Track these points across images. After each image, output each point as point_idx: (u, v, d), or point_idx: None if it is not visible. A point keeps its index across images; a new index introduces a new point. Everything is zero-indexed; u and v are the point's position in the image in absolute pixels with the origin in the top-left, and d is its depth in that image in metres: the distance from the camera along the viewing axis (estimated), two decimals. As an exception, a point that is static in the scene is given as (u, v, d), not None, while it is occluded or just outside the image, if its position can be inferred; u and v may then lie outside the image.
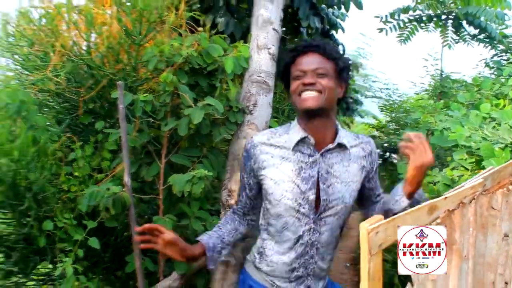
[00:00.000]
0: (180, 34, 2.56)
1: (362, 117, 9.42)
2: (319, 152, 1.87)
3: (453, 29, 5.50)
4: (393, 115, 7.62)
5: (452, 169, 3.08)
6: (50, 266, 2.55)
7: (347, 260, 8.08)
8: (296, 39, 4.98)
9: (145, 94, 2.23)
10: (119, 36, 2.41)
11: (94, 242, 2.17)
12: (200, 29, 2.44)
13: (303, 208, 1.85)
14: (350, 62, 1.98)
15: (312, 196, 1.84)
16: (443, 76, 5.63)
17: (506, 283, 1.65)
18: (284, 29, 4.81)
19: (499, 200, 1.59)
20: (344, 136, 1.94)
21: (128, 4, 2.31)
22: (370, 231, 1.27)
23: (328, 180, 1.87)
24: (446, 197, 1.46)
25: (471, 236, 1.53)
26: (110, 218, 2.20)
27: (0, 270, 2.41)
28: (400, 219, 1.35)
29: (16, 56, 2.70)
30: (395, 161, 8.48)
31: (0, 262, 2.44)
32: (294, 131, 1.89)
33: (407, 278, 1.50)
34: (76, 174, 2.32)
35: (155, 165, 2.34)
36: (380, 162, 8.43)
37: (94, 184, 2.32)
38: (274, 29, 2.43)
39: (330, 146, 1.88)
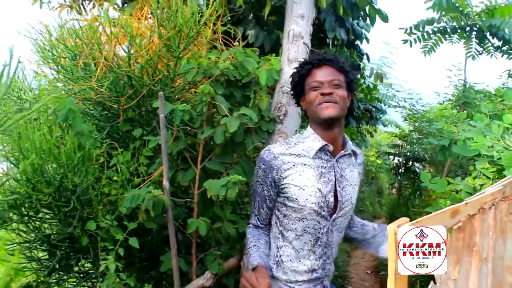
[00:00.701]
0: (215, 47, 2.70)
1: (385, 126, 9.46)
2: (334, 157, 2.01)
3: (477, 40, 5.53)
4: (416, 124, 7.67)
5: (474, 178, 3.14)
6: (89, 265, 2.69)
7: (369, 267, 8.13)
8: (322, 50, 5.09)
9: (184, 104, 2.38)
10: (158, 49, 2.56)
11: (134, 242, 2.30)
12: (236, 43, 2.57)
13: (323, 210, 1.98)
14: (356, 74, 2.15)
15: (331, 199, 1.97)
16: (467, 86, 5.67)
17: (524, 285, 1.74)
18: (310, 40, 4.93)
19: (517, 207, 1.69)
20: (351, 144, 2.10)
21: (168, 19, 2.45)
22: (397, 233, 1.39)
23: (342, 183, 2.02)
24: (467, 203, 1.57)
25: (491, 240, 1.63)
26: (149, 219, 2.34)
27: (44, 267, 2.56)
28: (424, 222, 1.46)
29: (59, 67, 2.87)
30: (417, 170, 8.53)
31: (45, 260, 2.59)
32: (313, 140, 2.02)
33: (430, 279, 1.60)
34: (115, 178, 2.46)
35: (191, 171, 2.47)
36: (403, 170, 8.48)
37: (132, 188, 2.46)
38: (304, 43, 2.56)
39: (343, 152, 2.03)
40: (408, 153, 8.30)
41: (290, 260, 2.05)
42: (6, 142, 2.46)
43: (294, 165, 1.99)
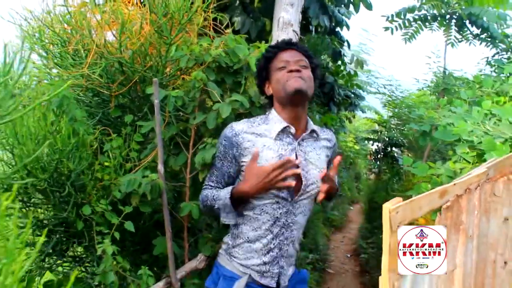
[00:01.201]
0: (205, 34, 2.74)
1: (364, 112, 9.59)
2: (297, 140, 2.08)
3: (456, 28, 5.63)
4: (396, 110, 7.79)
5: (455, 162, 3.24)
6: (81, 249, 2.73)
7: (348, 251, 8.30)
8: (304, 37, 5.15)
9: (176, 90, 2.42)
10: (150, 35, 2.59)
11: (129, 226, 2.35)
12: (228, 31, 2.62)
13: (283, 192, 2.05)
14: (320, 63, 2.23)
15: (292, 182, 2.02)
16: (447, 73, 5.78)
17: (505, 262, 1.84)
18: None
19: (500, 188, 1.78)
20: (313, 125, 2.17)
21: (160, 7, 2.48)
22: (392, 211, 1.47)
23: (306, 167, 2.08)
24: (455, 184, 1.66)
25: (475, 218, 1.72)
26: (144, 203, 2.38)
27: (39, 252, 2.59)
28: (416, 201, 1.54)
29: (48, 53, 2.88)
30: (396, 155, 8.67)
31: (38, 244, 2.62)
32: (275, 122, 2.08)
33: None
34: (106, 164, 2.50)
35: (183, 155, 2.52)
36: (382, 156, 8.62)
37: (124, 173, 2.50)
38: (294, 30, 2.62)
39: (305, 134, 2.10)
40: (387, 139, 8.43)
41: (248, 237, 2.10)
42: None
43: (254, 145, 2.05)
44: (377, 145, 9.03)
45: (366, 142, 10.47)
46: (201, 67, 2.46)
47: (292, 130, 2.07)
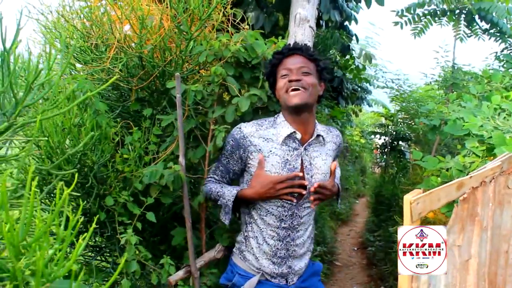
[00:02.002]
0: (222, 29, 2.80)
1: (370, 106, 9.64)
2: (303, 145, 2.15)
3: (465, 23, 5.67)
4: (404, 104, 7.83)
5: (464, 156, 3.29)
6: (100, 239, 2.80)
7: (355, 244, 8.35)
8: (316, 32, 5.20)
9: (196, 85, 2.48)
10: (169, 31, 2.65)
11: (151, 216, 2.42)
12: (247, 26, 2.67)
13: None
14: (328, 63, 2.28)
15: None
16: (455, 68, 5.82)
17: (518, 253, 1.90)
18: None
19: (514, 181, 1.84)
20: (321, 129, 2.23)
21: (180, 3, 2.54)
22: (412, 202, 1.54)
23: (311, 171, 2.16)
24: (471, 176, 1.72)
25: (490, 210, 1.79)
26: (165, 195, 2.46)
27: (62, 241, 2.65)
28: (435, 193, 1.61)
29: (68, 48, 2.93)
30: (403, 149, 8.72)
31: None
32: (282, 126, 2.15)
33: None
34: (125, 156, 2.56)
35: (201, 148, 2.58)
36: (389, 149, 8.66)
37: (143, 166, 2.56)
38: (310, 26, 2.67)
39: (311, 139, 2.16)
40: (394, 133, 8.47)
41: (256, 237, 2.19)
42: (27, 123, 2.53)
43: (260, 149, 2.13)
44: (384, 139, 9.07)
45: (372, 136, 10.49)
46: (220, 62, 2.51)
47: (298, 135, 2.14)
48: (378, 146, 9.68)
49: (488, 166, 1.80)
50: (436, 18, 5.72)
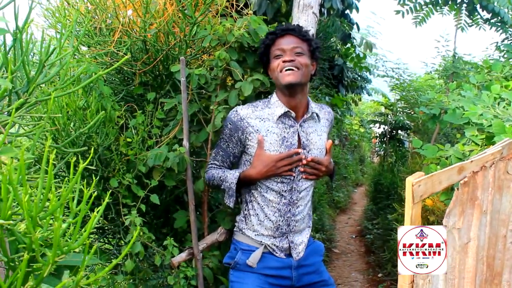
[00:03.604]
0: (226, 15, 2.81)
1: (370, 95, 9.66)
2: (298, 122, 2.20)
3: (467, 12, 5.68)
4: (403, 94, 7.85)
5: (464, 144, 3.32)
6: (104, 222, 2.83)
7: (353, 232, 8.42)
8: (321, 19, 5.21)
9: (200, 69, 2.51)
10: (174, 15, 2.67)
11: (155, 198, 2.45)
12: (250, 12, 2.69)
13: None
14: (320, 44, 2.32)
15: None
16: (456, 57, 5.83)
17: (515, 237, 1.94)
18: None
19: (513, 166, 1.87)
20: (314, 107, 2.29)
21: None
22: (414, 184, 1.57)
23: (308, 146, 2.22)
24: (472, 161, 1.75)
25: (490, 194, 1.82)
26: (168, 177, 2.49)
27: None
28: (436, 176, 1.64)
29: (72, 33, 2.94)
30: (402, 138, 8.75)
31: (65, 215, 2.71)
32: (276, 106, 2.21)
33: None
34: (128, 140, 2.58)
35: (204, 132, 2.60)
36: (388, 138, 8.69)
37: (146, 149, 2.59)
38: (313, 12, 2.69)
39: (306, 116, 2.22)
40: (393, 122, 8.50)
41: (257, 214, 2.24)
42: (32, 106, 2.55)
43: (257, 130, 2.18)
44: (384, 128, 9.10)
45: (371, 125, 10.52)
46: (224, 47, 2.53)
47: (293, 114, 2.20)
48: (377, 135, 9.71)
49: (488, 151, 1.83)
50: (438, 7, 5.71)
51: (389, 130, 8.62)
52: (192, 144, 2.62)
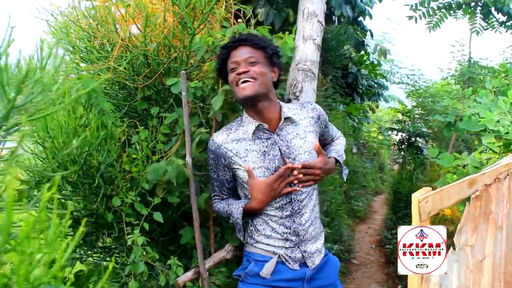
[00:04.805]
0: (223, 26, 2.76)
1: (387, 102, 9.54)
2: (274, 132, 2.11)
3: (481, 16, 5.56)
4: (419, 100, 7.73)
5: (481, 152, 3.21)
6: (110, 240, 2.78)
7: (373, 242, 8.27)
8: (328, 27, 5.14)
9: (195, 81, 2.45)
10: (173, 27, 2.62)
11: (158, 216, 2.39)
12: (240, 20, 2.63)
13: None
14: (278, 49, 2.22)
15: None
16: (472, 62, 5.71)
17: (535, 252, 1.83)
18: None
19: (530, 177, 1.76)
20: (289, 110, 2.18)
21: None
22: (421, 200, 1.47)
23: (292, 154, 2.11)
24: (484, 173, 1.65)
25: (505, 208, 1.71)
26: (171, 194, 2.42)
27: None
28: (445, 191, 1.54)
29: (75, 48, 2.92)
30: (421, 145, 8.61)
31: (69, 235, 2.67)
32: (248, 123, 2.12)
33: (448, 246, 1.69)
34: (133, 156, 2.53)
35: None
36: (406, 146, 8.56)
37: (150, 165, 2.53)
38: (318, 21, 2.61)
39: (280, 123, 2.12)
40: (411, 129, 8.37)
41: (264, 229, 2.17)
42: (31, 123, 2.52)
43: (237, 152, 2.11)
44: (401, 135, 8.97)
45: (389, 132, 10.39)
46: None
47: (265, 126, 2.11)
48: (395, 142, 9.58)
49: (502, 162, 1.73)
50: (451, 11, 5.60)
51: (407, 137, 8.49)
52: (194, 158, 2.55)
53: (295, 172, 2.07)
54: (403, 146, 8.69)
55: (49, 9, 3.05)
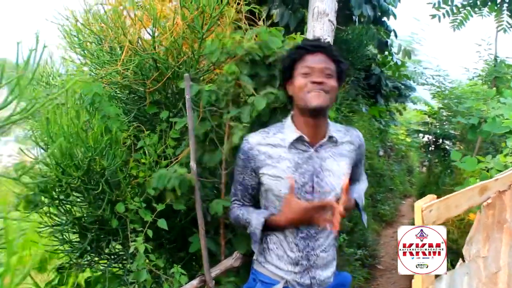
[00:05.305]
0: (239, 27, 2.69)
1: (414, 103, 9.35)
2: (313, 147, 2.01)
3: (508, 12, 5.38)
4: (445, 101, 7.54)
5: (505, 155, 3.09)
6: (119, 246, 2.74)
7: (399, 246, 8.09)
8: (348, 27, 5.04)
9: (210, 85, 2.38)
10: (182, 31, 2.57)
11: (162, 223, 2.33)
12: (260, 22, 2.55)
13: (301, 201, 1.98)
14: (348, 66, 2.11)
15: (309, 190, 1.98)
16: (498, 61, 5.52)
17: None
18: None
19: (550, 183, 1.65)
20: (334, 130, 2.08)
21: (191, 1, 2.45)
22: (424, 209, 1.37)
23: (321, 174, 2.00)
24: (497, 179, 1.54)
25: (522, 217, 1.60)
26: (178, 201, 2.36)
27: (75, 249, 2.61)
28: (453, 198, 1.44)
29: (85, 52, 2.91)
30: (448, 147, 8.41)
31: (76, 242, 2.64)
32: (290, 131, 2.02)
33: (458, 256, 1.58)
34: (143, 161, 2.49)
35: (219, 152, 2.47)
36: (433, 148, 8.37)
37: (160, 170, 2.48)
38: (329, 20, 2.53)
39: (322, 141, 2.02)
40: (438, 131, 8.17)
41: (276, 249, 2.08)
42: (35, 128, 2.51)
43: (269, 156, 2.01)
44: (428, 138, 8.78)
45: (414, 135, 10.19)
46: (233, 60, 2.40)
47: (306, 139, 2.00)
48: (422, 144, 9.40)
49: (518, 167, 1.62)
50: (476, 9, 5.43)
51: (434, 139, 8.30)
52: (205, 165, 2.49)
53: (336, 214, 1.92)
54: (429, 149, 8.50)
55: (64, 14, 3.04)
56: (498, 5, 5.35)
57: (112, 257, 2.71)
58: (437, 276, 1.49)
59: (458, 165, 3.31)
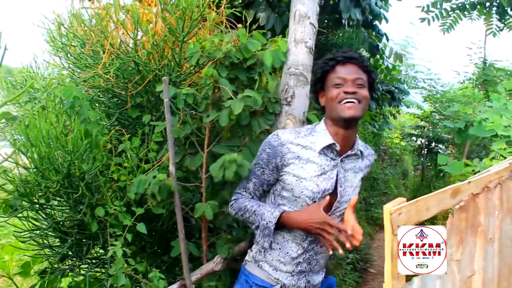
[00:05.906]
0: (221, 31, 2.67)
1: (408, 107, 9.35)
2: (340, 157, 2.02)
3: (497, 16, 5.38)
4: (437, 105, 7.54)
5: (492, 159, 3.08)
6: (101, 251, 2.71)
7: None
8: (337, 31, 5.03)
9: (187, 88, 2.36)
10: (164, 34, 2.55)
11: (141, 227, 2.31)
12: (240, 25, 2.54)
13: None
14: (377, 75, 2.13)
15: (328, 197, 1.98)
16: (487, 64, 5.52)
17: (534, 266, 1.69)
18: (325, 21, 4.87)
19: (526, 185, 1.63)
20: (361, 144, 2.12)
21: (172, 3, 2.44)
22: (393, 212, 1.36)
23: (344, 183, 2.03)
24: (470, 182, 1.53)
25: (497, 219, 1.59)
26: (157, 205, 2.34)
27: (56, 253, 2.59)
28: (423, 201, 1.42)
29: (68, 55, 2.89)
30: (440, 151, 8.41)
31: (56, 246, 2.62)
32: (322, 136, 2.02)
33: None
34: (125, 164, 2.47)
35: (199, 156, 2.45)
36: (426, 152, 8.38)
37: (141, 173, 2.46)
38: (311, 23, 2.51)
39: (350, 152, 2.04)
40: (431, 134, 8.18)
41: (279, 249, 2.07)
42: (15, 131, 2.49)
43: (298, 157, 2.00)
44: (421, 141, 8.79)
45: (407, 139, 10.21)
46: (212, 63, 2.38)
47: (337, 147, 2.01)
48: (415, 148, 9.41)
49: (492, 170, 1.61)
50: (466, 12, 5.43)
51: (426, 143, 8.30)
52: (187, 168, 2.47)
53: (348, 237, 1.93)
54: (422, 152, 8.51)
55: (50, 18, 3.03)
56: (487, 9, 5.35)
57: (93, 261, 2.68)
58: (408, 280, 1.47)
59: (445, 169, 3.30)
